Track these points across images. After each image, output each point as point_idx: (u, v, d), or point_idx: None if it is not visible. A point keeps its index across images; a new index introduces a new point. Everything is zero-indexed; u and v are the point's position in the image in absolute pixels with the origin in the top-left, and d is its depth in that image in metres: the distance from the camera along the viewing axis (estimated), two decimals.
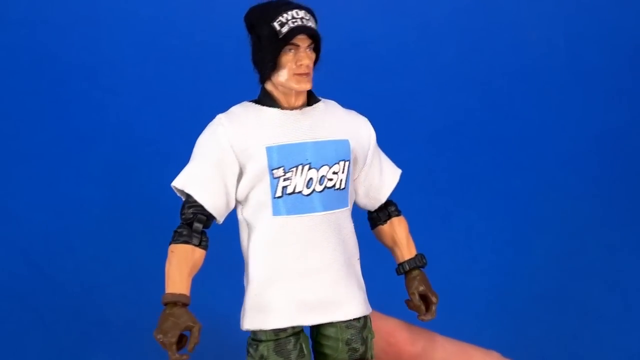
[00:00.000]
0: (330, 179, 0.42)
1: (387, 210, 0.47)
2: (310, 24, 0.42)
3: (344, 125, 0.44)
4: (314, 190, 0.42)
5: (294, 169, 0.42)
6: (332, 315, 0.42)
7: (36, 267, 0.78)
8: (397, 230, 0.47)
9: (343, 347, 0.43)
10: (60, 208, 0.85)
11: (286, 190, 0.42)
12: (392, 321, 0.48)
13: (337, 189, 0.43)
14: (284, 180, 0.42)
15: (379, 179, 0.46)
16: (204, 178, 0.42)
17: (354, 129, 0.44)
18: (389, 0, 0.97)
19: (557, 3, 0.99)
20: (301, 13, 0.42)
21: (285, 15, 0.41)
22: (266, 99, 0.43)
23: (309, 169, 0.42)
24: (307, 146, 0.42)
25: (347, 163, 0.43)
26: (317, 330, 0.44)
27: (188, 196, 0.42)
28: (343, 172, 0.43)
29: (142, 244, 0.81)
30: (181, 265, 0.41)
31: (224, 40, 0.93)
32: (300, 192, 0.42)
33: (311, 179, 0.42)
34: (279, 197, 0.42)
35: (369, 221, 0.48)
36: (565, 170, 0.93)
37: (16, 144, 0.91)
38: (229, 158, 0.42)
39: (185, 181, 0.42)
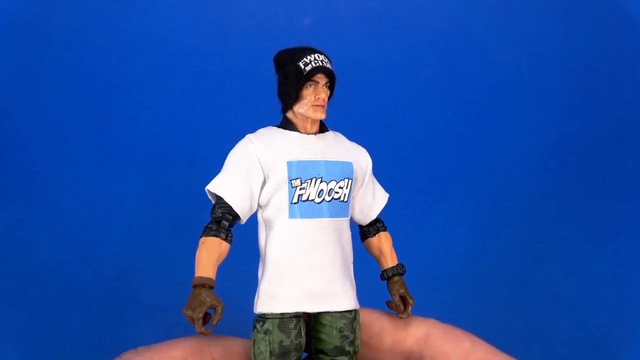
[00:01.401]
0: (337, 192, 0.44)
1: (376, 226, 0.48)
2: (329, 66, 0.44)
3: (349, 151, 0.46)
4: (324, 199, 0.44)
5: (309, 181, 0.43)
6: (330, 306, 0.44)
7: (80, 254, 0.78)
8: (384, 243, 0.48)
9: (337, 333, 0.44)
10: (101, 204, 0.84)
11: (301, 197, 0.43)
12: (368, 312, 0.48)
13: (341, 201, 0.44)
14: (300, 189, 0.43)
15: (372, 199, 0.48)
16: (234, 184, 0.43)
17: (356, 155, 0.46)
18: (379, 29, 0.96)
19: (521, 31, 0.98)
20: (321, 57, 0.44)
21: (309, 57, 0.44)
22: (288, 125, 0.45)
23: (321, 182, 0.44)
24: (320, 164, 0.44)
25: (350, 181, 0.45)
26: (315, 319, 0.45)
27: (219, 198, 0.43)
28: (347, 188, 0.44)
29: (169, 234, 0.81)
30: (210, 254, 0.42)
31: (239, 62, 0.93)
32: (312, 200, 0.44)
33: (322, 190, 0.44)
34: (295, 203, 0.43)
35: (360, 234, 0.49)
36: (527, 171, 0.92)
37: (64, 150, 0.90)
38: (256, 169, 0.43)
39: (218, 186, 0.43)
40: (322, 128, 0.46)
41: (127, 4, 0.95)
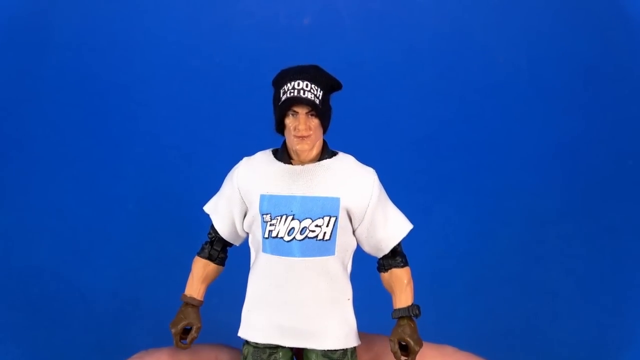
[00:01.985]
0: (313, 231, 0.41)
1: (390, 261, 0.44)
2: (308, 95, 0.40)
3: (341, 184, 0.42)
4: (294, 238, 0.41)
5: (279, 217, 0.41)
6: (308, 343, 0.42)
7: (80, 254, 0.78)
8: (395, 281, 0.44)
9: None
10: (101, 204, 0.84)
11: (271, 233, 0.41)
12: (379, 341, 0.47)
13: (320, 240, 0.41)
14: (270, 225, 0.41)
15: (383, 231, 0.43)
16: (219, 209, 0.44)
17: (351, 187, 0.42)
18: (379, 29, 0.96)
19: (521, 31, 0.98)
20: (302, 84, 0.40)
21: (288, 84, 0.40)
22: (280, 153, 0.43)
23: (292, 219, 0.41)
24: (295, 199, 0.41)
25: (332, 218, 0.41)
26: (303, 354, 0.43)
27: (212, 222, 0.45)
28: (327, 226, 0.41)
29: (168, 235, 0.81)
30: (197, 274, 0.45)
31: (239, 62, 0.93)
32: (282, 237, 0.41)
33: (293, 228, 0.41)
34: (266, 237, 0.42)
35: (377, 264, 0.45)
36: (528, 171, 0.92)
37: (63, 150, 0.90)
38: (236, 197, 0.43)
39: (209, 208, 0.45)
40: (323, 155, 0.42)
41: (127, 4, 0.95)
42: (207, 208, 0.45)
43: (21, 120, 0.92)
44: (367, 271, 0.46)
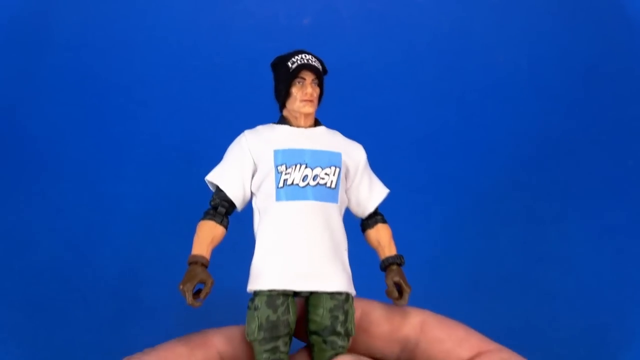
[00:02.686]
0: (322, 178, 0.46)
1: (374, 218, 0.49)
2: (315, 64, 0.47)
3: (339, 144, 0.48)
4: (308, 184, 0.46)
5: (293, 166, 0.46)
6: (318, 286, 0.45)
7: (80, 253, 0.78)
8: (382, 234, 0.49)
9: (327, 314, 0.45)
10: (101, 204, 0.85)
11: (286, 182, 0.46)
12: (367, 302, 0.50)
13: (328, 187, 0.46)
14: (285, 174, 0.46)
15: (368, 192, 0.49)
16: (228, 173, 0.47)
17: (347, 148, 0.48)
18: (379, 29, 0.97)
19: (521, 31, 0.99)
20: (308, 56, 0.47)
21: (296, 57, 0.47)
22: (282, 121, 0.48)
23: (305, 167, 0.46)
24: (306, 152, 0.47)
25: (337, 169, 0.47)
26: (308, 301, 0.46)
27: (217, 187, 0.47)
28: (334, 175, 0.47)
29: (168, 233, 0.80)
30: (204, 235, 0.46)
31: (239, 62, 0.93)
32: (297, 184, 0.46)
33: (306, 175, 0.46)
34: (281, 187, 0.46)
35: (361, 227, 0.50)
36: (528, 171, 0.93)
37: (63, 150, 0.91)
38: (247, 159, 0.47)
39: (215, 175, 0.47)
40: (317, 124, 0.48)
41: (127, 4, 0.95)
42: (212, 177, 0.48)
43: (21, 120, 0.92)
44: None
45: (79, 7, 0.95)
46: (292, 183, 0.46)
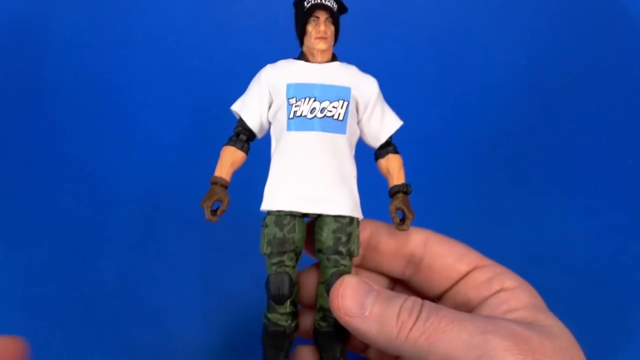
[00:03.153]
0: (330, 111, 0.49)
1: (386, 149, 0.52)
2: (328, 3, 0.49)
3: (351, 78, 0.50)
4: (315, 116, 0.49)
5: (303, 99, 0.49)
6: (323, 209, 0.49)
7: (80, 253, 0.77)
8: (391, 163, 0.52)
9: (330, 234, 0.49)
10: (100, 204, 0.85)
11: (296, 114, 0.49)
12: (376, 223, 0.53)
13: (335, 119, 0.49)
14: (295, 106, 0.49)
15: (380, 123, 0.51)
16: (247, 103, 0.52)
17: (359, 82, 0.51)
18: (380, 29, 0.97)
19: (520, 32, 0.99)
20: None
21: None
22: (300, 57, 0.51)
23: (314, 101, 0.49)
24: (316, 86, 0.50)
25: (346, 102, 0.49)
26: (315, 222, 0.50)
27: (240, 117, 0.52)
28: (342, 108, 0.49)
29: (168, 233, 0.81)
30: (225, 159, 0.51)
31: (239, 61, 0.93)
32: (305, 116, 0.49)
33: (314, 108, 0.49)
34: (291, 118, 0.49)
35: (374, 156, 0.53)
36: (527, 169, 0.93)
37: (63, 149, 0.91)
38: (264, 90, 0.51)
39: (237, 105, 0.52)
40: (334, 59, 0.51)
41: (127, 5, 0.95)
42: (235, 107, 0.52)
43: (21, 120, 0.92)
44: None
45: (80, 8, 0.95)
46: (301, 115, 0.49)
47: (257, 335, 0.61)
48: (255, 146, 0.54)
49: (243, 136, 0.52)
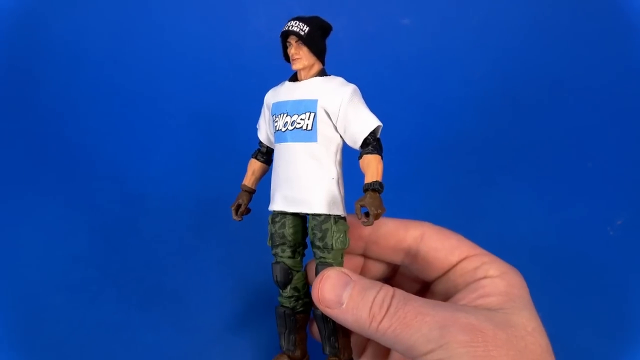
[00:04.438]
0: (299, 123, 0.48)
1: (363, 149, 0.48)
2: (294, 28, 0.48)
3: (321, 91, 0.48)
4: (287, 129, 0.49)
5: (280, 115, 0.50)
6: (301, 208, 0.48)
7: (112, 244, 0.78)
8: (365, 163, 0.48)
9: (310, 230, 0.49)
10: (130, 201, 0.85)
11: (276, 128, 0.50)
12: (381, 219, 0.51)
13: (304, 129, 0.48)
14: (275, 122, 0.50)
15: (355, 126, 0.48)
16: (260, 124, 0.54)
17: (327, 93, 0.48)
18: (373, 49, 0.97)
19: (493, 51, 0.99)
20: (292, 23, 0.48)
21: (285, 25, 0.49)
22: (291, 77, 0.51)
23: (286, 115, 0.49)
24: (289, 103, 0.49)
25: (312, 113, 0.48)
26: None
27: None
28: (309, 119, 0.48)
29: (188, 226, 0.80)
30: (249, 169, 0.54)
31: (250, 76, 0.92)
32: (280, 129, 0.49)
33: (286, 122, 0.49)
34: (275, 132, 0.50)
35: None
36: (500, 170, 0.92)
37: (99, 155, 0.91)
38: (266, 112, 0.52)
39: (257, 127, 0.54)
40: (318, 75, 0.49)
41: (151, 27, 0.95)
42: (257, 127, 0.54)
43: (68, 132, 0.93)
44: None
45: (106, 26, 0.95)
46: (278, 129, 0.50)
47: (266, 314, 0.61)
48: None
49: (262, 148, 0.54)
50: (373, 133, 0.47)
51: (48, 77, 0.94)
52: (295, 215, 0.50)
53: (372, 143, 0.48)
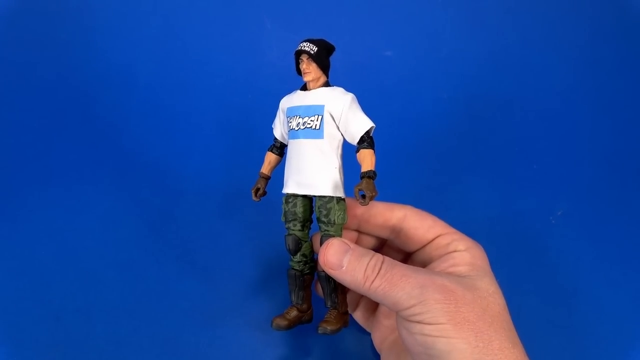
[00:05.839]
0: (309, 123, 0.50)
1: (359, 145, 0.51)
2: (306, 48, 0.50)
3: (327, 98, 0.51)
4: (299, 128, 0.51)
5: (293, 117, 0.52)
6: (309, 191, 0.51)
7: (154, 230, 0.77)
8: (361, 156, 0.51)
9: (317, 209, 0.52)
10: (169, 194, 0.85)
11: (290, 127, 0.52)
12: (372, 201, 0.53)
13: (313, 129, 0.50)
14: (289, 122, 0.52)
15: (353, 126, 0.51)
16: (275, 123, 0.56)
17: (332, 100, 0.51)
18: (361, 74, 0.99)
19: (459, 77, 0.99)
20: (304, 44, 0.51)
21: (298, 45, 0.52)
22: (302, 86, 0.53)
23: (299, 117, 0.51)
24: (301, 107, 0.52)
25: (320, 116, 0.50)
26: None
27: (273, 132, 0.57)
28: (317, 120, 0.50)
29: (216, 215, 0.80)
30: (265, 159, 0.57)
31: (265, 100, 0.90)
32: (293, 128, 0.52)
33: (299, 122, 0.51)
34: (289, 130, 0.52)
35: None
36: (462, 170, 0.92)
37: (143, 155, 0.91)
38: (280, 113, 0.55)
39: (273, 126, 0.56)
40: (324, 86, 0.51)
41: (190, 61, 0.98)
42: (273, 126, 0.56)
43: (119, 136, 0.93)
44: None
45: (128, 49, 0.96)
46: (291, 128, 0.52)
47: (280, 277, 0.65)
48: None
49: (277, 144, 0.57)
50: (368, 132, 0.51)
51: (106, 96, 0.96)
52: (305, 196, 0.53)
53: (367, 140, 0.51)
